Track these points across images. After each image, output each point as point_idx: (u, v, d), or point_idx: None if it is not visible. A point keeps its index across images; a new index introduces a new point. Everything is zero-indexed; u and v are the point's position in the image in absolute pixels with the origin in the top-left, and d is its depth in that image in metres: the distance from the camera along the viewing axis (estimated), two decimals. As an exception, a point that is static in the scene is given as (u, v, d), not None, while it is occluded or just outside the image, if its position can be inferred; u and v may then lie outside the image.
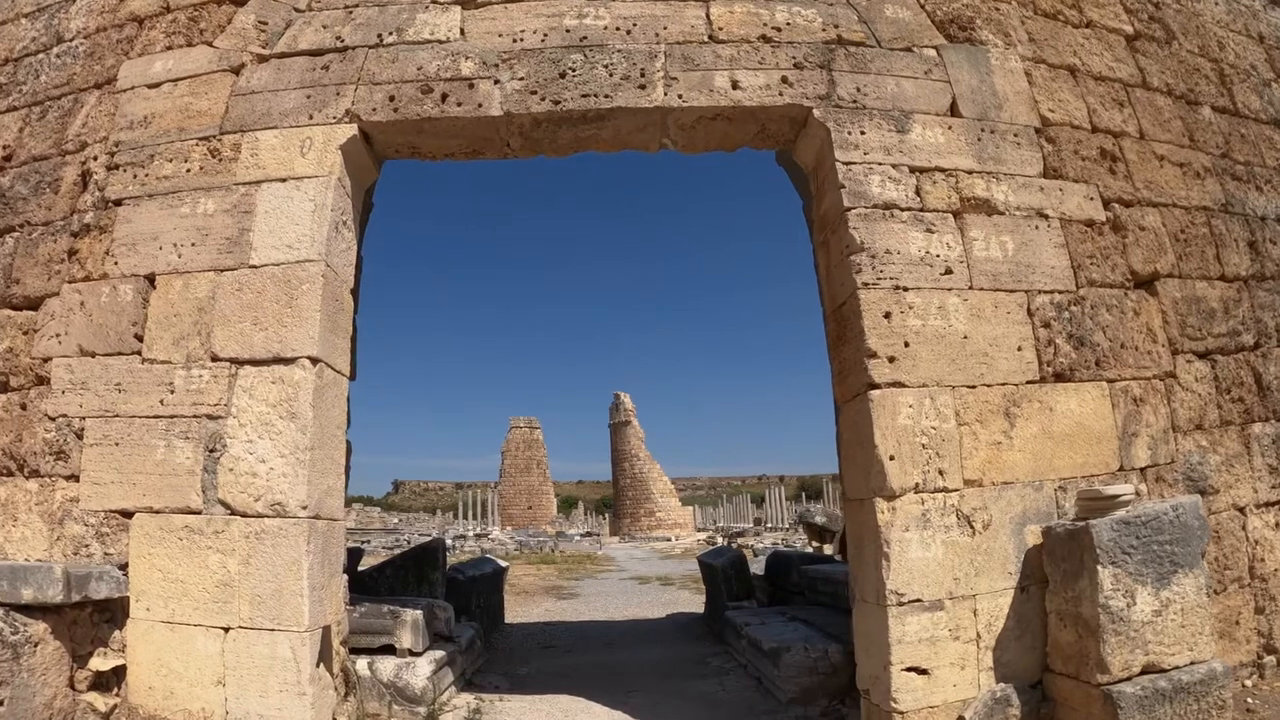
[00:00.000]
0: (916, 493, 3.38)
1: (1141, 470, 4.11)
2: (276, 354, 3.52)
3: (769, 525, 37.12)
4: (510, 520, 39.52)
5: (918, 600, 3.27)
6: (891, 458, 3.38)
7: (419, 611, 5.01)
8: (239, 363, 3.61)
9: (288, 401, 3.41)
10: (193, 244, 4.00)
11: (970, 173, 4.21)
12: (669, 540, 30.82)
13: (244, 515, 3.37)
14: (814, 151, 4.18)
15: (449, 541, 24.20)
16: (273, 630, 3.23)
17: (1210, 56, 6.03)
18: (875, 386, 3.49)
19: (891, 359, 3.52)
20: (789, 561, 8.12)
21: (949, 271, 3.81)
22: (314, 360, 3.50)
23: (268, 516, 3.30)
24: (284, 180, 3.96)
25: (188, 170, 4.25)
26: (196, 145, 4.31)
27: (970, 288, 3.84)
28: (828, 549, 12.93)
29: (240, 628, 3.31)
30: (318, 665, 3.34)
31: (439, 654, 5.09)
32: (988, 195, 4.18)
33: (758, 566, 9.19)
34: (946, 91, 4.41)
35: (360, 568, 7.65)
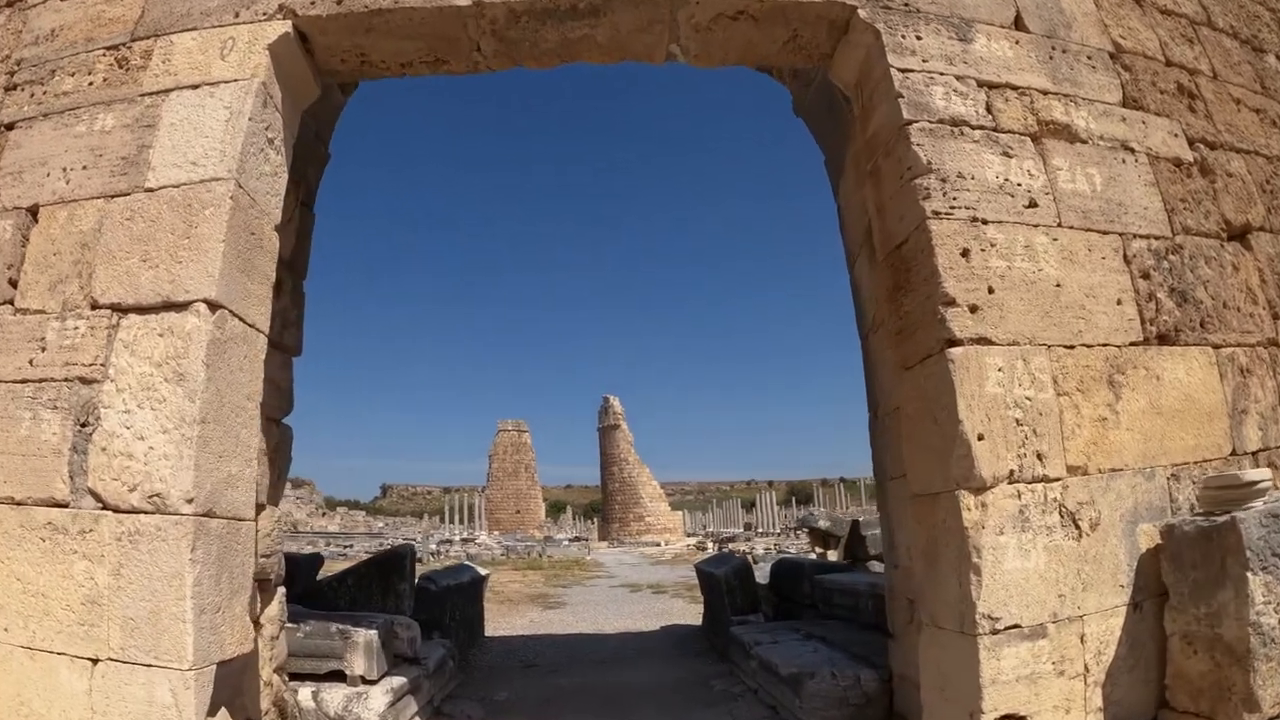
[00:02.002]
0: (1010, 483, 2.58)
1: (1253, 454, 3.38)
2: (166, 297, 2.67)
3: (760, 530, 36.37)
4: (498, 525, 38.56)
5: (1016, 626, 2.46)
6: (980, 437, 2.58)
7: (373, 631, 4.16)
8: (122, 310, 2.76)
9: (175, 359, 2.56)
10: (84, 167, 3.18)
11: (1045, 93, 3.49)
12: (658, 545, 30.12)
13: (116, 510, 2.51)
14: (858, 62, 3.39)
15: (433, 546, 23.28)
16: (149, 666, 2.37)
17: (1268, 5, 5.52)
18: (955, 343, 2.69)
19: (974, 308, 2.72)
20: (799, 570, 7.31)
21: (1033, 204, 3.04)
22: (212, 305, 2.64)
23: (144, 512, 2.45)
24: (197, 87, 3.14)
25: (90, 84, 3.47)
26: (103, 55, 3.54)
27: (1059, 225, 3.07)
28: (832, 555, 12.14)
29: (110, 660, 2.46)
30: (214, 713, 2.48)
31: (398, 681, 4.24)
32: (1067, 120, 3.45)
33: (760, 575, 8.37)
34: (1010, 3, 3.68)
35: (323, 575, 6.83)
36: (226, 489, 2.58)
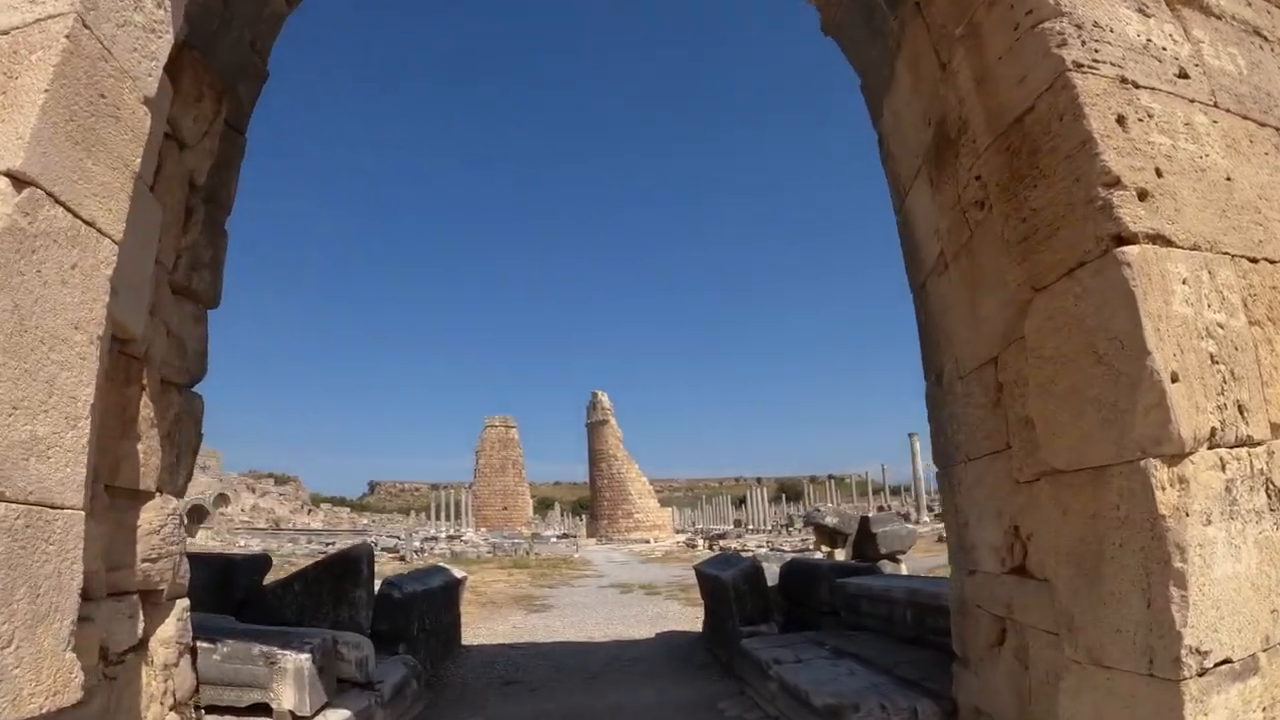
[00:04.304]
0: (1211, 447, 1.76)
1: None
2: (-42, 177, 1.81)
3: (751, 527, 35.76)
4: (485, 521, 37.58)
5: (1226, 661, 1.64)
6: (1174, 378, 1.75)
7: (305, 655, 3.30)
8: (-99, 204, 1.89)
9: (-51, 260, 1.70)
10: (-106, 35, 2.30)
11: (1167, -45, 2.69)
12: (648, 542, 29.40)
13: None
14: (934, -97, 2.58)
15: (417, 544, 22.30)
16: (-108, 733, 1.53)
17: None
18: (1127, 240, 1.85)
19: (1143, 194, 1.88)
20: (815, 573, 6.51)
21: (1184, 75, 2.24)
22: (18, 181, 1.76)
23: (-110, 493, 1.59)
24: (44, -83, 2.27)
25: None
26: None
27: (1215, 105, 2.28)
28: (839, 554, 11.39)
29: None
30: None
31: (339, 715, 3.39)
32: (1198, -11, 2.65)
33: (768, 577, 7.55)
34: None
35: (271, 580, 5.95)
36: (26, 459, 1.71)
